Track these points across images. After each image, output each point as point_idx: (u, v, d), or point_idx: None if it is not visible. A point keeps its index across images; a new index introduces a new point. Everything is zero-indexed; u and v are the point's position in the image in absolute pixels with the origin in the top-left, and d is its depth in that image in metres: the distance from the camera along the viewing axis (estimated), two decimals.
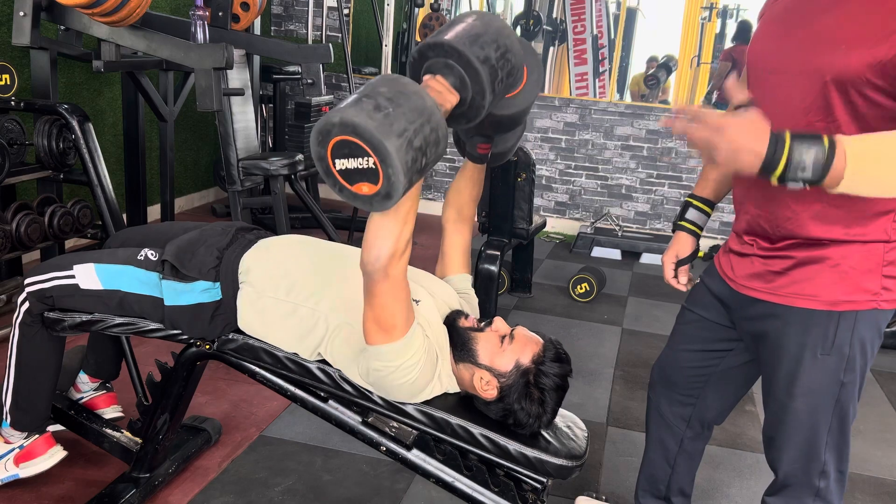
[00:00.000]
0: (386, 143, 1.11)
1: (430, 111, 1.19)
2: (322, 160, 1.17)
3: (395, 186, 1.15)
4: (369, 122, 1.11)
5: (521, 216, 3.61)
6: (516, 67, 1.36)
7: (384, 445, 1.59)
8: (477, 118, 1.35)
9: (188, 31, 3.02)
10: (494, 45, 1.31)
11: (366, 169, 1.15)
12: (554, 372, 1.50)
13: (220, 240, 1.71)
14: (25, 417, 1.87)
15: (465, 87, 1.30)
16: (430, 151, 1.19)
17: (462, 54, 1.27)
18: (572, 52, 5.55)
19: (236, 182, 3.49)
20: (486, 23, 1.34)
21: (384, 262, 1.29)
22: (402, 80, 1.21)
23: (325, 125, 1.14)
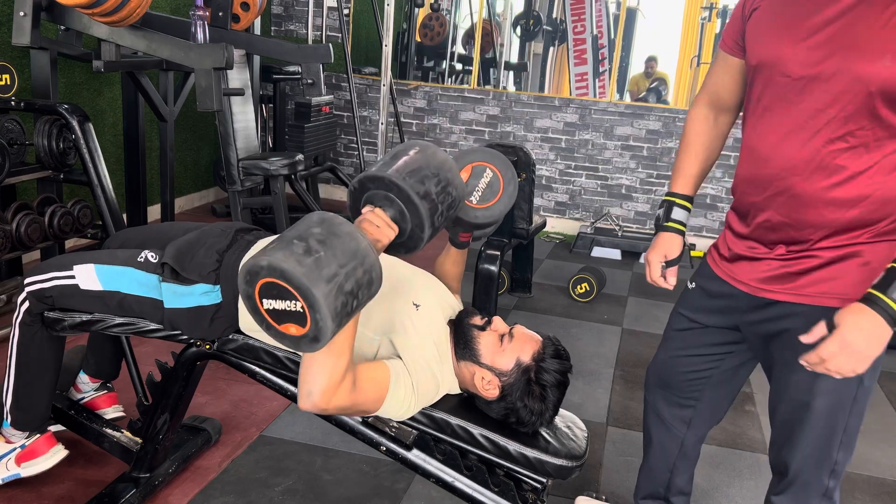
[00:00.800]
0: (314, 290, 1.10)
1: (363, 253, 1.19)
2: (250, 298, 1.17)
3: (323, 331, 1.14)
4: (297, 267, 1.11)
5: (521, 216, 3.61)
6: (457, 199, 1.38)
7: (384, 445, 1.59)
8: (416, 249, 1.36)
9: (188, 31, 3.02)
10: (435, 178, 1.32)
11: (294, 311, 1.14)
12: (554, 368, 1.50)
13: (219, 241, 1.71)
14: (26, 417, 1.87)
15: (404, 220, 1.31)
16: (361, 294, 1.19)
17: (401, 189, 1.28)
18: (572, 52, 5.55)
19: (236, 182, 3.49)
20: (428, 157, 1.35)
21: (316, 400, 1.28)
22: (336, 220, 1.21)
23: (254, 266, 1.14)
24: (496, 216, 1.57)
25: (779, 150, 1.38)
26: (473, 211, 1.54)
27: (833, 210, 1.35)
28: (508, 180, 1.56)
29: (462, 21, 5.97)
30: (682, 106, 5.29)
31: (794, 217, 1.39)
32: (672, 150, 5.28)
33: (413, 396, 1.46)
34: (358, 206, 1.36)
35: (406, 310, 1.53)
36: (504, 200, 1.56)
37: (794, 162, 1.36)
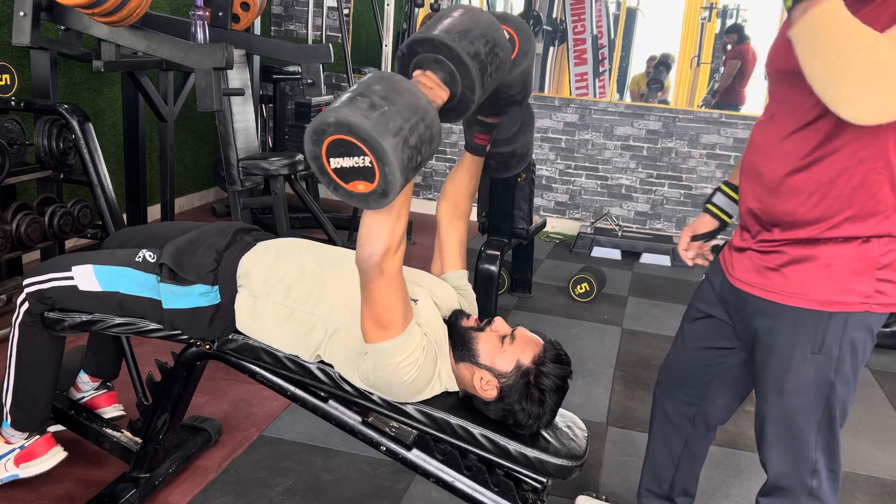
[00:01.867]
0: (382, 142, 1.11)
1: (424, 108, 1.19)
2: (317, 159, 1.17)
3: (392, 184, 1.15)
4: (365, 121, 1.11)
5: (521, 216, 3.61)
6: (505, 62, 1.37)
7: (384, 445, 1.59)
8: (466, 112, 1.35)
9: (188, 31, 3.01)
10: (483, 39, 1.31)
11: (362, 167, 1.14)
12: (554, 373, 1.50)
13: (218, 241, 1.71)
14: (26, 417, 1.87)
15: (454, 83, 1.30)
16: (424, 149, 1.19)
17: (452, 50, 1.27)
18: (572, 52, 5.55)
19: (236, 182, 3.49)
20: (475, 17, 1.34)
21: (378, 259, 1.29)
22: (394, 77, 1.20)
23: (320, 124, 1.14)
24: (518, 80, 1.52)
25: (758, 135, 1.45)
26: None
27: (795, 195, 1.37)
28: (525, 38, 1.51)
29: None
30: (683, 106, 5.29)
31: (765, 202, 1.43)
32: (672, 150, 5.28)
33: (422, 355, 1.44)
34: (408, 73, 1.34)
35: None
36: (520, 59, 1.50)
37: (765, 146, 1.42)
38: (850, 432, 2.77)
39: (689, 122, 5.22)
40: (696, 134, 5.22)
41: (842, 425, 1.48)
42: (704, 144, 5.22)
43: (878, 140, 1.29)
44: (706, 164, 5.24)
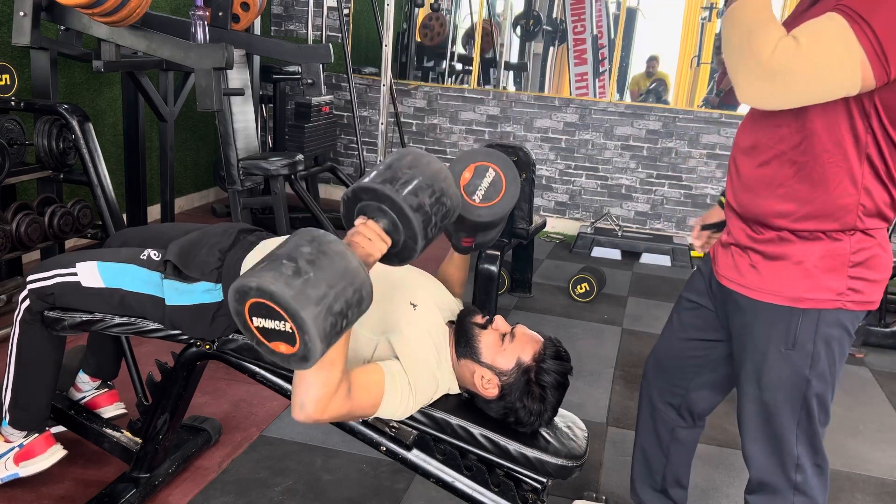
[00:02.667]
0: (302, 312, 1.11)
1: (353, 273, 1.18)
2: (240, 315, 1.17)
3: (312, 351, 1.14)
4: (286, 289, 1.11)
5: (521, 216, 3.61)
6: (451, 210, 1.38)
7: (384, 445, 1.59)
8: (410, 259, 1.36)
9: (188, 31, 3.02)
10: (429, 189, 1.32)
11: (283, 331, 1.15)
12: (555, 369, 1.50)
13: (221, 241, 1.71)
14: (25, 416, 1.87)
15: (397, 231, 1.31)
16: (351, 312, 1.19)
17: (394, 201, 1.28)
18: (572, 52, 5.55)
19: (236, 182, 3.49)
20: (423, 165, 1.35)
21: (310, 411, 1.28)
22: (325, 238, 1.20)
23: (243, 286, 1.14)
24: (499, 214, 1.57)
25: (738, 133, 1.49)
26: (477, 210, 1.55)
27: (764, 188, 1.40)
28: (510, 180, 1.57)
29: (462, 21, 5.97)
30: (683, 106, 5.29)
31: (741, 197, 1.46)
32: (672, 150, 5.28)
33: (411, 396, 1.46)
34: (351, 216, 1.36)
35: (403, 310, 1.53)
36: (506, 199, 1.57)
37: (741, 143, 1.46)
38: (850, 432, 2.77)
39: (689, 122, 5.22)
40: (696, 134, 5.22)
41: (825, 423, 1.50)
42: (704, 144, 5.22)
43: (835, 135, 1.31)
44: (706, 164, 5.24)
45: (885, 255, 1.40)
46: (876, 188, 1.34)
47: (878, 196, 1.35)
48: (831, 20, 1.20)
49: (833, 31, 1.19)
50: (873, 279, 1.39)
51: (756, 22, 1.25)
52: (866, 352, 3.56)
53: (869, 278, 1.39)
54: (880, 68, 1.19)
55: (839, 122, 1.30)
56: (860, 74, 1.20)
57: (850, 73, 1.20)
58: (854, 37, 1.18)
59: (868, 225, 1.36)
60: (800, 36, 1.21)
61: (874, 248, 1.38)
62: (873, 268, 1.39)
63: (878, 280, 1.40)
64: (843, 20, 1.19)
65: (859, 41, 1.18)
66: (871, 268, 1.38)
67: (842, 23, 1.19)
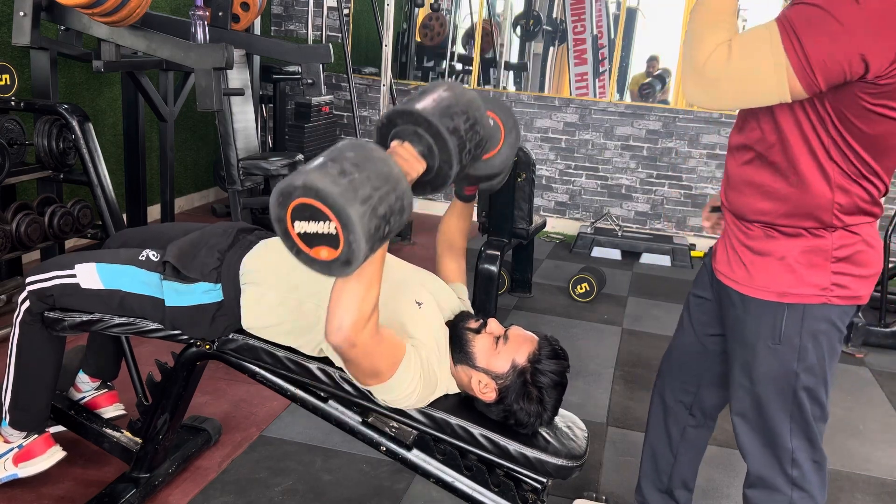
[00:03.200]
0: (349, 210, 1.09)
1: (396, 179, 1.18)
2: (281, 221, 1.15)
3: (356, 253, 1.13)
4: (333, 187, 1.10)
5: (521, 216, 3.61)
6: (485, 139, 1.37)
7: (384, 445, 1.59)
8: (443, 187, 1.35)
9: (188, 31, 3.02)
10: (464, 116, 1.31)
11: (326, 234, 1.12)
12: (551, 369, 1.49)
13: (221, 241, 1.71)
14: (25, 417, 1.87)
15: (432, 156, 1.30)
16: (394, 220, 1.17)
17: (431, 124, 1.27)
18: (572, 52, 5.55)
19: (236, 182, 3.49)
20: (458, 94, 1.34)
21: (346, 333, 1.27)
22: (368, 145, 1.20)
23: (288, 186, 1.12)
24: (497, 168, 1.55)
25: (730, 134, 1.52)
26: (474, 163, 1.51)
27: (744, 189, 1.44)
28: (510, 128, 1.54)
29: (462, 21, 5.97)
30: (683, 106, 5.29)
31: (729, 193, 1.50)
32: (672, 150, 5.28)
33: (420, 382, 1.45)
34: (385, 143, 1.33)
35: (409, 309, 1.53)
36: (505, 151, 1.54)
37: (731, 141, 1.50)
38: (850, 432, 2.77)
39: (689, 122, 5.22)
40: (696, 134, 5.22)
41: (820, 419, 1.51)
42: (704, 144, 5.22)
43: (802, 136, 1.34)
44: (706, 164, 5.24)
45: (870, 251, 1.42)
46: (852, 186, 1.36)
47: (855, 194, 1.36)
48: (768, 31, 1.25)
49: (765, 42, 1.25)
50: (860, 274, 1.41)
51: (704, 24, 1.31)
52: (866, 352, 3.56)
53: (854, 273, 1.40)
54: (808, 81, 1.24)
55: (802, 126, 1.34)
56: (787, 85, 1.25)
57: (776, 85, 1.25)
58: (783, 51, 1.23)
59: (849, 222, 1.38)
60: (733, 44, 1.27)
61: (858, 244, 1.40)
62: (859, 263, 1.40)
63: (866, 275, 1.42)
64: (777, 29, 1.24)
65: (787, 55, 1.23)
66: (857, 263, 1.40)
67: (774, 32, 1.24)
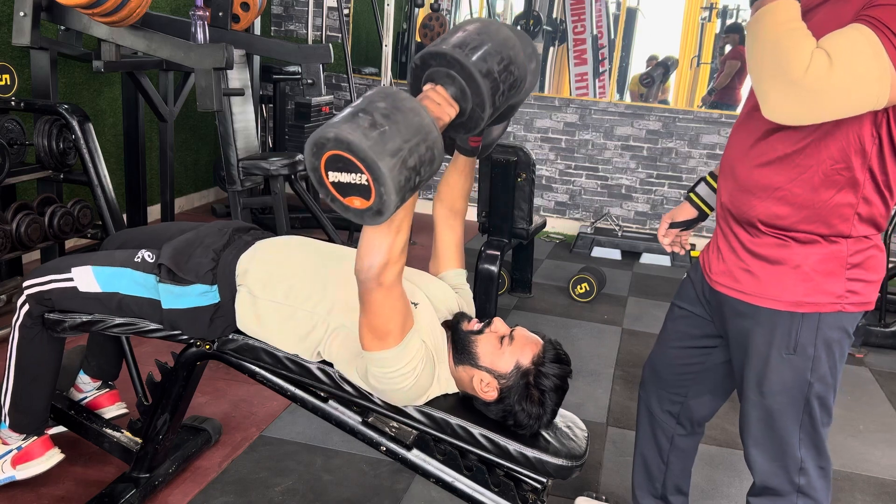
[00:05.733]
0: (379, 163, 1.11)
1: (426, 129, 1.18)
2: (316, 171, 1.17)
3: (387, 204, 1.14)
4: (364, 140, 1.11)
5: (521, 216, 3.60)
6: (519, 79, 1.35)
7: (384, 445, 1.59)
8: (476, 129, 1.34)
9: (188, 31, 3.02)
10: (498, 56, 1.30)
11: (358, 185, 1.14)
12: (554, 373, 1.50)
13: (216, 241, 1.70)
14: (24, 419, 1.87)
15: (465, 99, 1.29)
16: (423, 170, 1.18)
17: (464, 66, 1.26)
18: (572, 52, 5.55)
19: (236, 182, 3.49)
20: (492, 33, 1.32)
21: (377, 271, 1.29)
22: (400, 95, 1.20)
23: (320, 138, 1.14)
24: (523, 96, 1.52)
25: (734, 134, 1.49)
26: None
27: (760, 191, 1.40)
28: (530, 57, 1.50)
29: None
30: (683, 106, 5.29)
31: (736, 199, 1.45)
32: (672, 150, 5.28)
33: (420, 364, 1.44)
34: (419, 84, 1.33)
35: None
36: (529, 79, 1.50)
37: (740, 145, 1.45)
38: (850, 432, 2.77)
39: (689, 122, 5.22)
40: (696, 134, 5.22)
41: (827, 424, 1.50)
42: (704, 144, 5.22)
43: (841, 142, 1.31)
44: (706, 164, 5.24)
45: (881, 255, 1.41)
46: (874, 198, 1.35)
47: (875, 206, 1.35)
48: (861, 33, 1.17)
49: (865, 46, 1.16)
50: (870, 280, 1.40)
51: (785, 33, 1.21)
52: (866, 352, 3.56)
53: (866, 279, 1.39)
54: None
55: (848, 131, 1.30)
56: (889, 92, 1.18)
57: (881, 90, 1.18)
58: (885, 52, 1.16)
59: (861, 231, 1.37)
60: (831, 52, 1.17)
61: (871, 250, 1.38)
62: (870, 269, 1.39)
63: (875, 280, 1.40)
64: (873, 34, 1.16)
65: (889, 56, 1.16)
66: (868, 269, 1.39)
67: (872, 37, 1.16)
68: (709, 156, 5.22)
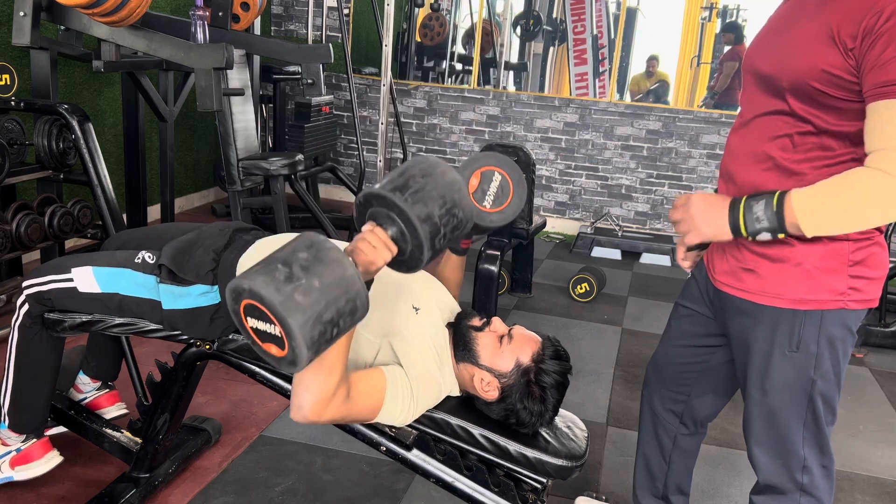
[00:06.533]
0: (289, 319, 1.12)
1: (348, 282, 1.18)
2: (236, 314, 1.20)
3: (299, 357, 1.15)
4: (276, 295, 1.12)
5: (521, 216, 3.60)
6: (463, 221, 1.37)
7: (384, 445, 1.59)
8: (416, 269, 1.35)
9: (188, 31, 3.02)
10: (440, 200, 1.31)
11: (273, 335, 1.16)
12: (554, 369, 1.50)
13: (216, 241, 1.70)
14: (23, 420, 1.87)
15: (404, 240, 1.31)
16: (343, 321, 1.19)
17: (402, 211, 1.27)
18: (572, 52, 5.55)
19: (236, 182, 3.49)
20: (437, 175, 1.33)
21: (307, 413, 1.29)
22: (324, 245, 1.20)
23: (238, 286, 1.16)
24: (510, 218, 1.58)
25: (732, 139, 1.49)
26: (488, 216, 1.56)
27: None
28: (517, 182, 1.58)
29: (462, 21, 5.97)
30: (683, 106, 5.29)
31: None
32: (672, 150, 5.28)
33: (412, 403, 1.45)
34: (363, 220, 1.36)
35: (406, 313, 1.53)
36: (515, 202, 1.58)
37: (738, 150, 1.46)
38: (850, 432, 2.77)
39: (689, 122, 5.22)
40: (696, 134, 5.22)
41: (831, 423, 1.49)
42: (704, 144, 5.22)
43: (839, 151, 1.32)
44: (706, 164, 5.24)
45: (882, 252, 1.41)
46: None
47: None
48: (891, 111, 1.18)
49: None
50: (872, 277, 1.39)
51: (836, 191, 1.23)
52: (866, 352, 3.56)
53: (868, 276, 1.39)
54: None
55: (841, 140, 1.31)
56: None
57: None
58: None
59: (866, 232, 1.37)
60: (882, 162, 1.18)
61: (872, 247, 1.38)
62: (872, 266, 1.39)
63: (877, 277, 1.40)
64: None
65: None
66: (871, 266, 1.38)
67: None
68: (709, 156, 5.23)
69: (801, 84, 1.30)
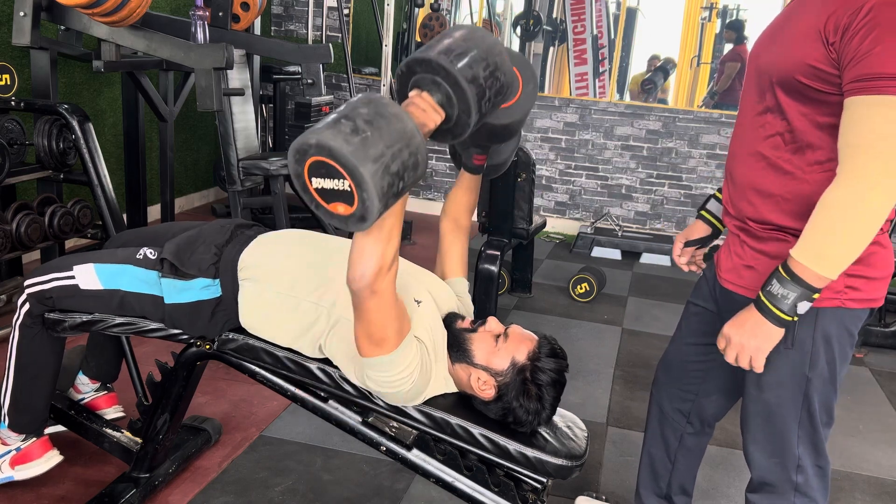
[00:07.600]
0: (361, 169, 1.11)
1: (409, 135, 1.17)
2: (299, 177, 1.17)
3: (370, 210, 1.14)
4: (345, 146, 1.11)
5: (521, 216, 3.60)
6: (505, 85, 1.35)
7: (384, 445, 1.59)
8: (462, 135, 1.34)
9: (188, 31, 3.02)
10: (483, 62, 1.30)
11: (341, 190, 1.14)
12: (550, 367, 1.50)
13: (218, 237, 1.71)
14: (23, 419, 1.87)
15: (451, 105, 1.29)
16: (407, 175, 1.18)
17: (449, 73, 1.26)
18: (572, 52, 5.55)
19: (236, 182, 3.49)
20: (477, 39, 1.32)
21: (369, 280, 1.28)
22: (382, 101, 1.19)
23: (303, 144, 1.14)
24: (517, 116, 1.54)
25: (733, 140, 1.51)
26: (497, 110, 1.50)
27: (757, 195, 1.43)
28: (528, 79, 1.53)
29: (462, 21, 5.97)
30: (683, 106, 5.29)
31: (736, 201, 1.48)
32: (672, 150, 5.28)
33: (418, 368, 1.44)
34: (405, 91, 1.33)
35: (409, 306, 1.53)
36: (524, 100, 1.53)
37: (736, 150, 1.48)
38: (850, 432, 2.77)
39: (689, 122, 5.22)
40: (696, 134, 5.22)
41: (827, 424, 1.50)
42: (704, 144, 5.22)
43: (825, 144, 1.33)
44: (706, 164, 5.24)
45: (884, 252, 1.40)
46: None
47: None
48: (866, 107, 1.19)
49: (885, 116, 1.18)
50: (872, 276, 1.39)
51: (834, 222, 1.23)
52: (866, 352, 3.56)
53: (867, 275, 1.38)
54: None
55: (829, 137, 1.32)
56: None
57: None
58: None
59: None
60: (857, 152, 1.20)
61: (872, 246, 1.38)
62: (872, 265, 1.38)
63: (879, 277, 1.40)
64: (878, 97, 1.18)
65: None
66: (870, 265, 1.38)
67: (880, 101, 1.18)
68: (709, 156, 5.23)
69: (788, 78, 1.32)
